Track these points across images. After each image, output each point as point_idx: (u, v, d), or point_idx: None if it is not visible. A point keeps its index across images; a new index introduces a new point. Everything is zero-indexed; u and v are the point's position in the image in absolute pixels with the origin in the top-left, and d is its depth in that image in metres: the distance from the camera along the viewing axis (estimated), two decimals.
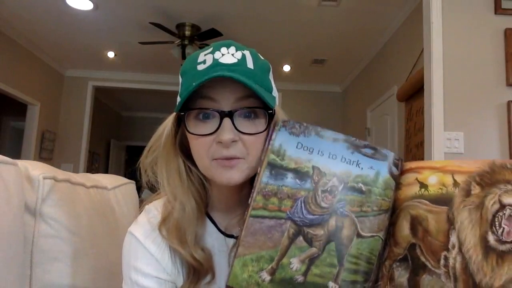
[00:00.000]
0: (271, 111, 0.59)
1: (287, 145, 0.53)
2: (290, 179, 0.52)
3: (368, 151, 0.53)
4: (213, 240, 0.66)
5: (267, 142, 0.54)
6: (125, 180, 1.16)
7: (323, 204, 0.51)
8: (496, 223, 0.47)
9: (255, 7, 3.40)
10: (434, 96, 1.97)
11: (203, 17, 3.64)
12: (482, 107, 1.98)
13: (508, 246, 0.46)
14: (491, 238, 0.47)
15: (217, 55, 0.59)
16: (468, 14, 2.03)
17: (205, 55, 0.60)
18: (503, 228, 0.46)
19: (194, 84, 0.55)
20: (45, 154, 4.84)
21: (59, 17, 3.69)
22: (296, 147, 0.53)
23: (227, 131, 0.56)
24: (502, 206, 0.47)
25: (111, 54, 4.64)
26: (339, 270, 0.50)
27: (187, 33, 3.80)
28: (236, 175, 0.58)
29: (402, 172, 0.53)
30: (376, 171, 0.52)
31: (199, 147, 0.59)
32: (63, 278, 0.74)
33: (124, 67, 5.09)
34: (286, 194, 0.52)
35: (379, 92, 3.97)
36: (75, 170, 4.92)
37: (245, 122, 0.58)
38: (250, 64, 0.59)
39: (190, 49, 3.84)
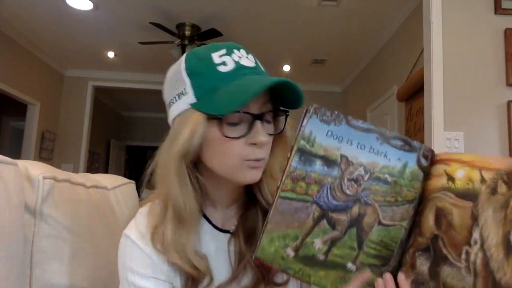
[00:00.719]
0: (288, 113, 0.64)
1: (318, 132, 0.54)
2: (318, 165, 0.54)
3: (397, 142, 0.55)
4: (209, 238, 0.67)
5: (298, 128, 0.55)
6: (125, 180, 1.16)
7: (348, 192, 0.54)
8: None
9: (255, 7, 3.40)
10: (434, 96, 1.97)
11: (203, 17, 3.64)
12: (482, 107, 1.98)
13: None
14: None
15: (235, 57, 0.61)
16: (468, 14, 2.03)
17: (220, 56, 0.61)
18: None
19: (254, 88, 0.56)
20: (45, 154, 4.84)
21: (59, 17, 3.69)
22: (326, 135, 0.54)
23: (262, 133, 0.59)
24: None
25: (111, 54, 4.64)
26: (358, 253, 0.54)
27: (187, 33, 3.80)
28: (259, 174, 0.62)
29: (433, 163, 0.55)
30: (404, 162, 0.54)
31: (229, 150, 0.60)
32: (63, 278, 0.74)
33: (124, 67, 5.10)
34: (313, 180, 0.54)
35: (379, 92, 3.97)
36: (75, 170, 4.92)
37: (267, 124, 0.62)
38: (262, 67, 0.64)
39: (190, 49, 3.83)
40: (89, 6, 3.44)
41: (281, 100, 0.64)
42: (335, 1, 3.22)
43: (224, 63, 0.60)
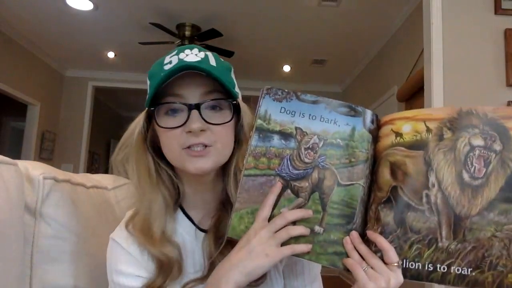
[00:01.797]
0: (235, 102, 0.65)
1: (272, 110, 0.59)
2: (276, 140, 0.59)
3: (344, 109, 0.59)
4: (186, 233, 0.69)
5: (256, 110, 0.60)
6: (125, 180, 1.16)
7: (306, 160, 0.58)
8: (468, 162, 0.55)
9: (255, 7, 3.40)
10: (434, 96, 1.97)
11: (203, 17, 3.64)
12: None
13: (479, 181, 0.54)
14: (465, 175, 0.55)
15: (182, 55, 0.63)
16: (468, 14, 2.03)
17: (170, 57, 0.64)
18: (475, 166, 0.54)
19: (161, 77, 0.60)
20: (45, 154, 4.84)
21: (59, 17, 3.69)
22: (280, 112, 0.59)
23: (195, 121, 0.61)
24: (472, 148, 0.55)
25: (111, 54, 4.64)
26: (323, 215, 0.57)
27: (187, 33, 3.80)
28: (206, 164, 0.62)
29: (379, 126, 0.60)
30: (352, 127, 0.59)
31: (170, 140, 0.63)
32: (63, 278, 0.74)
33: (124, 67, 5.10)
34: (273, 154, 0.59)
35: (379, 92, 3.97)
36: (75, 170, 4.92)
37: (211, 113, 0.63)
38: (212, 62, 0.64)
39: None
40: (89, 6, 3.44)
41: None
42: (335, 1, 3.22)
43: (170, 62, 0.63)
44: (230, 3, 3.35)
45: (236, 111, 0.66)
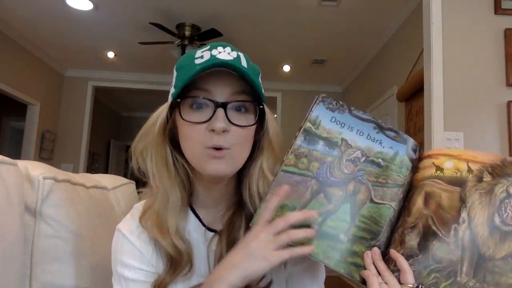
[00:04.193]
0: (262, 107, 0.63)
1: (323, 117, 0.61)
2: (321, 145, 0.61)
3: (391, 133, 0.62)
4: (195, 233, 0.68)
5: (307, 112, 0.62)
6: (125, 180, 1.16)
7: (345, 171, 0.60)
8: (502, 208, 0.56)
9: (255, 7, 3.40)
10: (434, 96, 1.97)
11: (203, 17, 3.64)
12: (482, 107, 1.98)
13: (510, 228, 0.56)
14: (497, 219, 0.56)
15: (214, 52, 0.62)
16: (468, 14, 2.03)
17: (202, 52, 0.63)
18: (508, 213, 0.56)
19: (193, 70, 0.58)
20: (45, 154, 4.84)
21: (59, 17, 3.69)
22: (330, 121, 0.61)
23: (220, 120, 0.59)
24: (509, 195, 0.57)
25: (111, 54, 4.64)
26: (350, 226, 0.59)
27: (187, 33, 3.80)
28: (223, 166, 0.61)
29: (421, 158, 0.62)
30: (395, 151, 0.61)
31: (192, 135, 0.61)
32: (63, 278, 0.74)
33: (124, 67, 5.09)
34: (315, 157, 0.60)
35: (379, 92, 3.97)
36: (75, 170, 4.92)
37: (236, 114, 0.62)
38: (244, 63, 0.62)
39: (190, 50, 3.83)
40: (89, 6, 3.44)
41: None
42: (335, 1, 3.22)
43: (201, 57, 0.62)
44: (230, 3, 3.35)
45: (261, 116, 0.64)
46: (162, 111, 0.65)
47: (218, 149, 0.60)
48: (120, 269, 0.65)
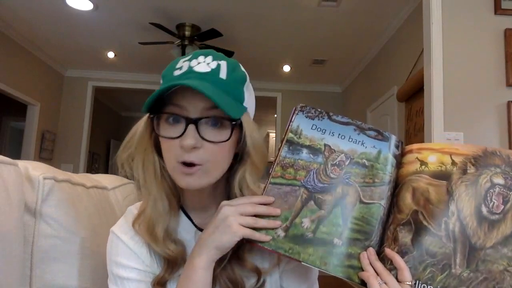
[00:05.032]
0: (234, 122, 0.61)
1: (304, 126, 0.63)
2: (305, 154, 0.62)
3: (372, 133, 0.63)
4: (187, 234, 0.69)
5: (287, 124, 0.63)
6: (125, 180, 1.16)
7: (332, 175, 0.61)
8: (488, 197, 0.58)
9: (255, 8, 3.40)
10: (434, 96, 1.97)
11: (203, 17, 3.64)
12: (482, 107, 1.98)
13: (497, 216, 0.58)
14: (484, 209, 0.58)
15: (193, 63, 0.62)
16: (468, 14, 2.03)
17: (183, 61, 0.63)
18: (494, 202, 0.58)
19: (164, 86, 0.58)
20: (45, 155, 4.84)
21: (59, 17, 3.69)
22: (311, 128, 0.63)
23: (189, 137, 0.59)
24: (493, 185, 0.59)
25: (111, 54, 4.64)
26: (343, 229, 0.59)
27: (187, 33, 3.80)
28: (194, 182, 0.61)
29: (404, 153, 0.63)
30: (378, 149, 0.62)
31: (167, 149, 0.62)
32: (63, 278, 0.74)
33: (124, 67, 5.10)
34: (301, 166, 0.61)
35: (379, 92, 3.97)
36: (75, 171, 4.92)
37: (210, 130, 0.61)
38: (223, 74, 0.62)
39: (190, 50, 3.83)
40: (89, 6, 3.44)
41: None
42: (335, 1, 3.22)
43: (180, 68, 0.62)
44: (230, 3, 3.35)
45: (240, 128, 0.63)
46: (140, 123, 0.67)
47: (189, 165, 0.60)
48: (115, 270, 0.66)
